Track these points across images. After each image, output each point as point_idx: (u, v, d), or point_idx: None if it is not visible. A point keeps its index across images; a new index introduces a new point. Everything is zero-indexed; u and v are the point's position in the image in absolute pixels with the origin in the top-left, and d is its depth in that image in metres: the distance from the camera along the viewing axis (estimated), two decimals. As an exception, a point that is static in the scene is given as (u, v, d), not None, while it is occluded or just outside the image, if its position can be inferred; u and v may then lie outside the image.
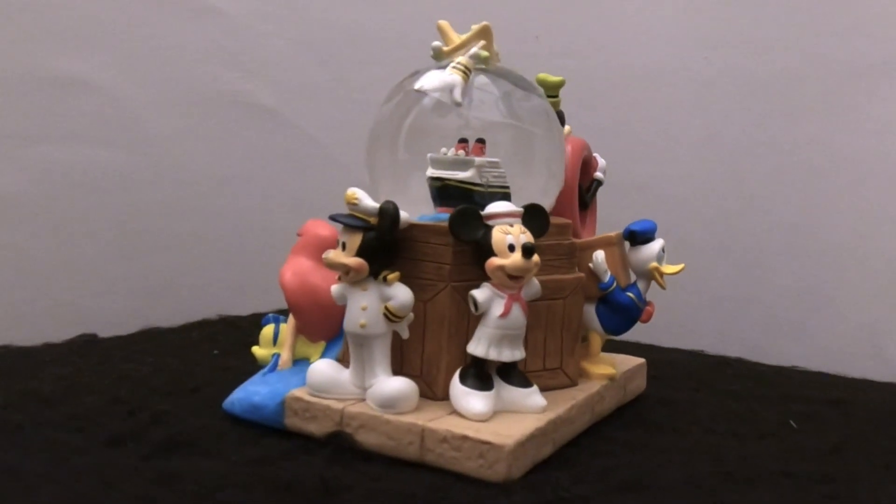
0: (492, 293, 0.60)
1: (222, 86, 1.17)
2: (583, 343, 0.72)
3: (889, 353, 1.01)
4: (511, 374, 0.62)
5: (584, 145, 0.78)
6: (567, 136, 0.78)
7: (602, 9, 1.13)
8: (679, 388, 0.82)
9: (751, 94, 1.08)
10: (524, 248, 0.58)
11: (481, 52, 0.69)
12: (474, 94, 0.69)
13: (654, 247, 0.70)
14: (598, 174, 0.81)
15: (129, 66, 1.10)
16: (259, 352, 0.73)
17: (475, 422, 0.58)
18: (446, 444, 0.57)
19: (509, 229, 0.60)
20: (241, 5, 1.17)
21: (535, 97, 0.72)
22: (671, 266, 0.70)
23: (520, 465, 0.56)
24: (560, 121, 0.76)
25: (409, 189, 0.69)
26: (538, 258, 0.59)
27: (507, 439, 0.55)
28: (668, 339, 0.98)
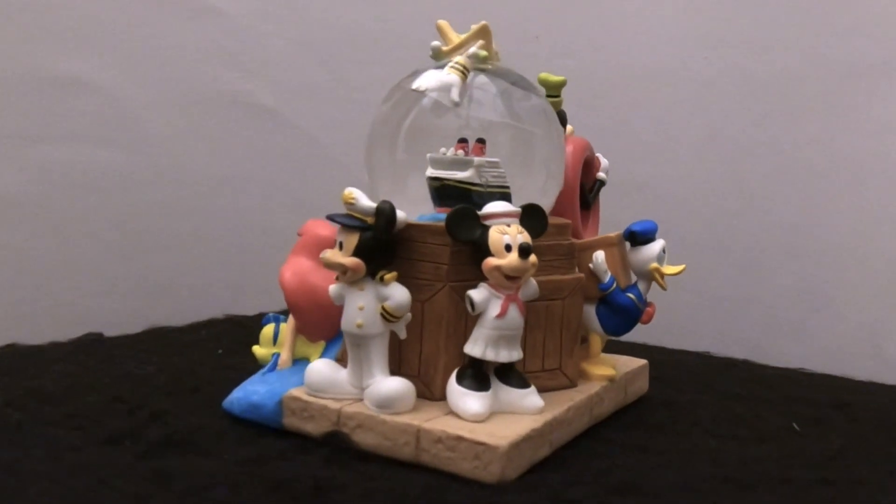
0: (489, 293, 0.59)
1: (222, 86, 1.17)
2: (583, 344, 0.71)
3: (889, 353, 1.01)
4: (509, 374, 0.61)
5: (586, 145, 0.78)
6: (569, 135, 0.78)
7: (602, 9, 1.13)
8: (682, 389, 0.80)
9: (751, 94, 1.08)
10: (521, 249, 0.58)
11: (480, 52, 0.69)
12: (473, 94, 0.68)
13: (655, 247, 0.70)
14: (601, 174, 0.80)
15: (129, 66, 1.10)
16: (259, 351, 0.73)
17: (471, 422, 0.58)
18: (441, 444, 0.56)
19: (506, 229, 0.59)
20: (241, 5, 1.17)
21: (534, 97, 0.72)
22: (672, 267, 0.70)
23: (515, 467, 0.56)
24: (562, 121, 0.75)
25: (409, 189, 0.69)
26: (535, 258, 0.59)
27: (502, 440, 0.55)
28: (667, 340, 0.97)
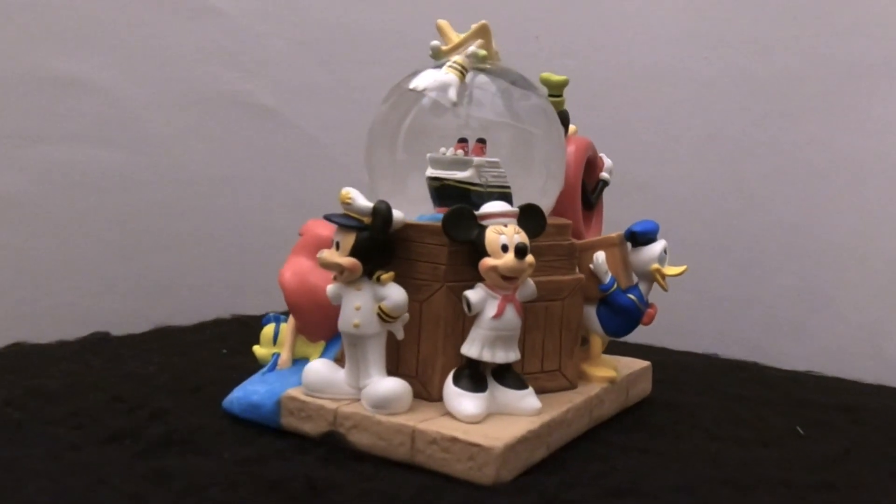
0: (485, 294, 0.59)
1: (222, 86, 1.17)
2: (583, 346, 0.71)
3: (889, 353, 1.01)
4: (506, 375, 0.61)
5: (589, 145, 0.77)
6: (572, 135, 0.77)
7: (602, 9, 1.13)
8: (686, 391, 0.80)
9: (751, 94, 1.08)
10: (517, 249, 0.58)
11: (479, 51, 0.69)
12: (473, 94, 0.68)
13: (656, 248, 0.69)
14: (604, 174, 0.80)
15: (129, 66, 1.10)
16: (259, 351, 0.73)
17: (466, 424, 0.58)
18: (436, 445, 0.56)
19: (503, 229, 0.59)
20: (241, 5, 1.17)
21: (534, 96, 0.71)
22: (673, 267, 0.69)
23: (510, 468, 0.56)
24: (564, 120, 0.75)
25: (409, 189, 0.68)
26: (532, 259, 0.58)
27: (497, 442, 0.55)
28: (667, 340, 0.97)
